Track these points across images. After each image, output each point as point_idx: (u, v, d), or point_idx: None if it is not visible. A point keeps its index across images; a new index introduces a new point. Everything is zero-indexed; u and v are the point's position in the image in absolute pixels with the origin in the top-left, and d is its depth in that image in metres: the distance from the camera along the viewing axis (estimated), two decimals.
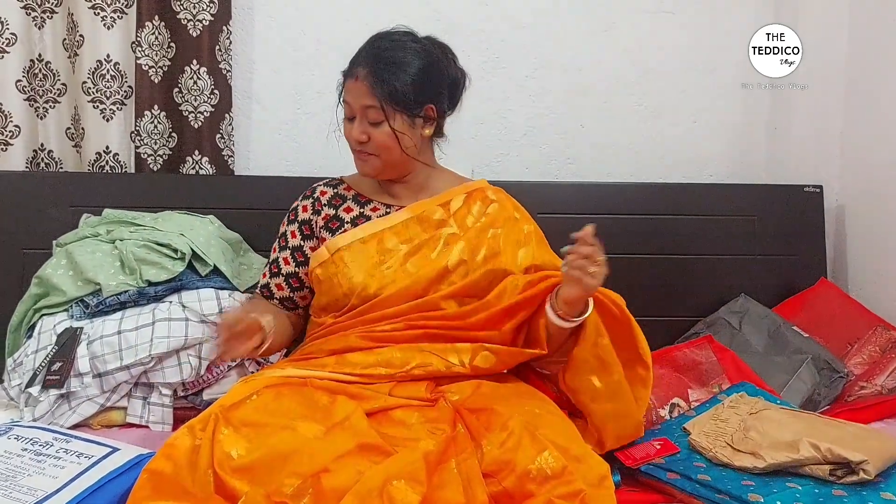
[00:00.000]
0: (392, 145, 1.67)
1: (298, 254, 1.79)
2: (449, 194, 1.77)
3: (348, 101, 1.68)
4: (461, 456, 1.35)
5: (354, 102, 1.66)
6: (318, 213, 1.79)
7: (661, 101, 2.59)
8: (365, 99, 1.64)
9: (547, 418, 1.46)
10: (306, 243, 1.78)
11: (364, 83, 1.64)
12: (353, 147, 1.71)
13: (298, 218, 1.80)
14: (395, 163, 1.71)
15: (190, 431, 1.34)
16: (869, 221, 2.48)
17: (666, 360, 1.98)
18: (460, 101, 1.82)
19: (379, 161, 1.70)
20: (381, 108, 1.64)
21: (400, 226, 1.71)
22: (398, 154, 1.69)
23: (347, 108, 1.69)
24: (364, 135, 1.66)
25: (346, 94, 1.69)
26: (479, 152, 2.52)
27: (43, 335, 1.86)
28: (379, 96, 1.63)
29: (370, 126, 1.66)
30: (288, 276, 1.78)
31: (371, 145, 1.68)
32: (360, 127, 1.67)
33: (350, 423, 1.37)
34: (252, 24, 2.44)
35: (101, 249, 1.97)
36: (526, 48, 2.53)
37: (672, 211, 2.42)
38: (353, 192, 1.81)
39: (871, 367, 2.13)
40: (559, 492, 1.28)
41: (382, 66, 1.65)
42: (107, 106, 2.29)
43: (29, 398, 1.78)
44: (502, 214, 1.76)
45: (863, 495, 1.41)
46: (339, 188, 1.83)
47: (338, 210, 1.78)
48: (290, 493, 1.20)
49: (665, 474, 1.54)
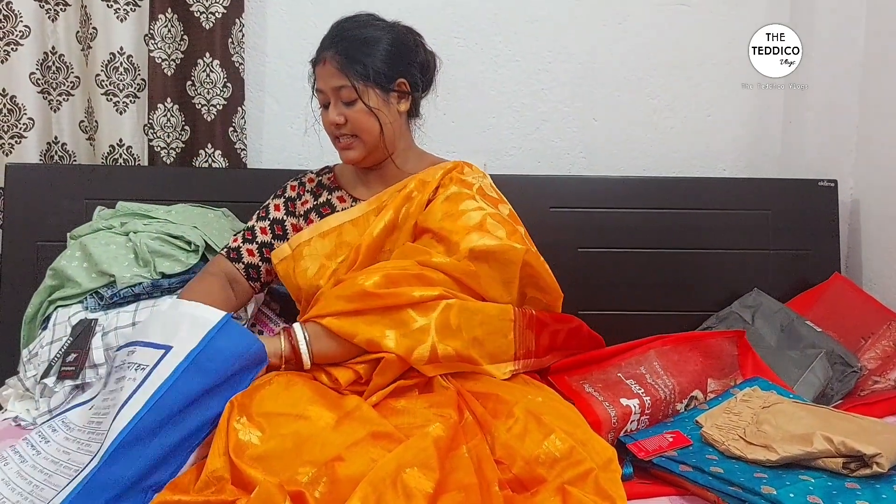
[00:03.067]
0: (370, 124, 1.67)
1: (278, 227, 1.82)
2: (406, 182, 1.74)
3: (320, 88, 1.69)
4: (472, 442, 1.36)
5: (325, 86, 1.67)
6: (300, 197, 1.83)
7: (674, 94, 2.59)
8: (335, 80, 1.65)
9: (549, 405, 1.48)
10: (289, 219, 1.82)
11: (332, 64, 1.64)
12: (333, 134, 1.72)
13: (286, 194, 1.85)
14: (377, 144, 1.71)
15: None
16: (884, 216, 2.46)
17: (697, 343, 1.94)
18: (434, 83, 1.81)
19: (361, 143, 1.70)
20: (352, 86, 1.64)
21: (361, 218, 1.72)
22: (377, 134, 1.69)
23: (321, 95, 1.70)
24: (340, 116, 1.66)
25: (317, 83, 1.70)
26: (491, 146, 2.52)
27: (58, 327, 1.87)
28: (349, 74, 1.64)
29: (345, 107, 1.66)
30: (262, 245, 1.80)
31: (349, 127, 1.68)
32: (336, 109, 1.67)
33: (361, 413, 1.37)
34: (265, 17, 2.44)
35: (116, 242, 1.97)
36: (539, 41, 2.53)
37: (685, 205, 2.42)
38: (331, 179, 1.85)
39: (885, 361, 2.12)
40: (569, 474, 1.29)
41: (348, 43, 1.65)
42: (120, 99, 2.30)
43: (44, 389, 1.79)
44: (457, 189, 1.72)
45: (876, 488, 1.40)
46: (324, 176, 1.86)
47: (317, 199, 1.82)
48: (306, 481, 1.21)
49: (677, 467, 1.54)
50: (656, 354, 1.84)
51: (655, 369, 1.81)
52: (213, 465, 1.25)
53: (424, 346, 1.52)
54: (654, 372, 1.81)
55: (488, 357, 1.60)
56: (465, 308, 1.57)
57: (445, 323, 1.54)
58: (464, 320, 1.56)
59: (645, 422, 1.73)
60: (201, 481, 1.24)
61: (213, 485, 1.23)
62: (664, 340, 1.89)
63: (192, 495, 1.22)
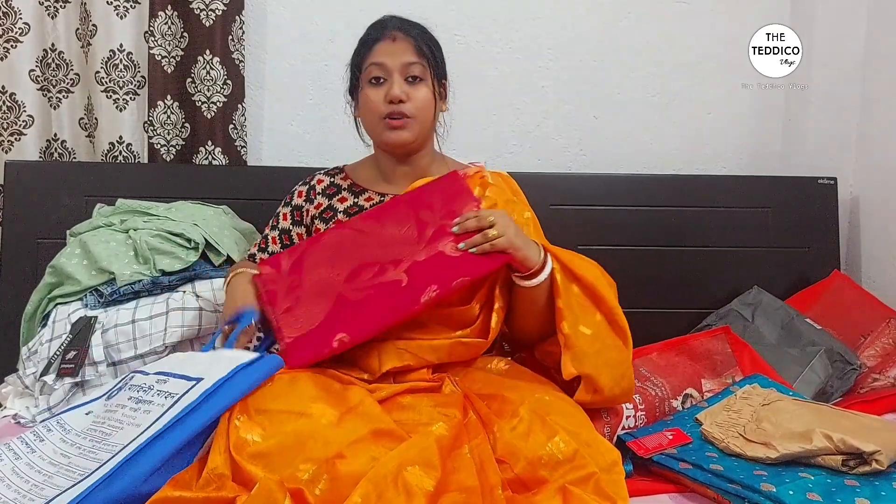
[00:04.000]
0: (430, 107, 1.68)
1: (286, 237, 1.81)
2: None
3: (381, 62, 1.66)
4: (474, 442, 1.35)
5: (393, 60, 1.65)
6: (312, 201, 1.80)
7: (674, 92, 2.59)
8: (407, 55, 1.65)
9: (556, 404, 1.46)
10: (294, 229, 1.81)
11: (405, 41, 1.65)
12: (386, 113, 1.67)
13: (293, 202, 1.82)
14: (426, 131, 1.71)
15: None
16: (883, 214, 2.47)
17: (682, 347, 1.97)
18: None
19: (416, 124, 1.68)
20: (426, 64, 1.65)
21: None
22: (431, 120, 1.70)
23: (377, 69, 1.66)
24: (405, 93, 1.65)
25: (376, 56, 1.67)
26: (492, 144, 2.52)
27: (57, 324, 1.87)
28: (423, 54, 1.65)
29: (408, 85, 1.65)
30: (273, 255, 1.79)
31: (409, 106, 1.66)
32: (399, 85, 1.65)
33: (363, 409, 1.36)
34: (265, 14, 2.44)
35: (115, 239, 1.97)
36: (540, 39, 2.52)
37: (685, 203, 2.42)
38: (349, 181, 1.81)
39: (885, 359, 2.12)
40: (571, 477, 1.29)
41: (419, 31, 1.67)
42: (120, 96, 2.29)
43: (44, 386, 1.79)
44: (502, 197, 1.72)
45: (875, 485, 1.41)
46: (337, 177, 1.83)
47: (332, 200, 1.78)
48: (307, 478, 1.21)
49: (677, 464, 1.54)
50: (641, 362, 1.87)
51: (642, 374, 1.84)
52: (213, 463, 1.25)
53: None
54: (641, 376, 1.84)
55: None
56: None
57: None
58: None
59: (642, 419, 1.74)
60: (203, 479, 1.23)
61: (213, 482, 1.23)
62: (647, 350, 1.92)
63: (194, 492, 1.22)
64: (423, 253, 1.55)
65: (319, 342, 1.52)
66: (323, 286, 1.58)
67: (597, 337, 1.56)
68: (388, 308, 1.53)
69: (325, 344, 1.52)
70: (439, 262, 1.54)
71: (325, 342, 1.52)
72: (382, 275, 1.56)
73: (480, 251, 1.50)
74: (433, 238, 1.56)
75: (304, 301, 1.58)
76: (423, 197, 1.63)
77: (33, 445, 1.41)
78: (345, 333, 1.51)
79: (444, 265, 1.53)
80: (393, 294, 1.53)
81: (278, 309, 1.57)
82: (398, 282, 1.54)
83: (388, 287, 1.54)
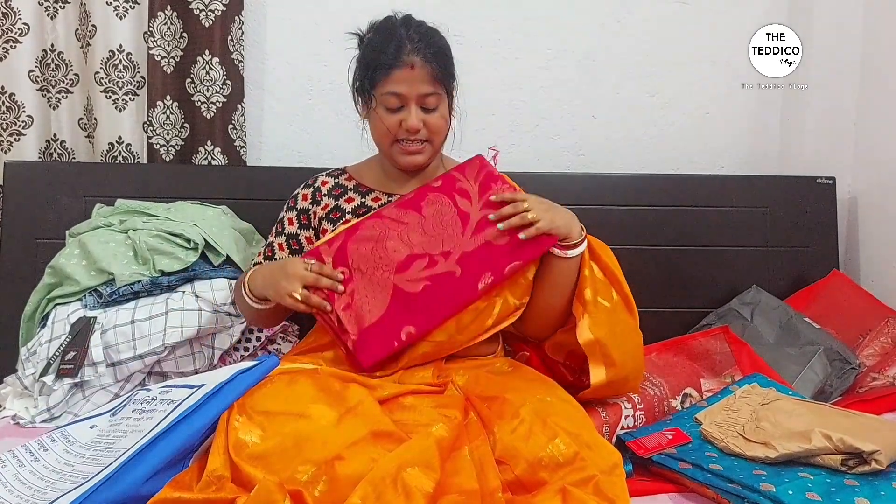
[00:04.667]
0: (444, 129, 1.69)
1: (294, 241, 1.78)
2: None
3: (399, 92, 1.62)
4: (474, 443, 1.36)
5: (410, 90, 1.62)
6: (318, 203, 1.77)
7: (673, 92, 2.59)
8: (425, 86, 1.63)
9: (558, 405, 1.47)
10: (302, 232, 1.78)
11: (424, 70, 1.62)
12: (401, 137, 1.66)
13: (298, 206, 1.79)
14: (437, 151, 1.73)
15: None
16: (882, 213, 2.47)
17: (681, 347, 1.98)
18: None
19: (431, 148, 1.69)
20: (442, 94, 1.65)
21: None
22: (443, 140, 1.72)
23: (394, 99, 1.63)
24: (421, 122, 1.64)
25: (394, 86, 1.62)
26: (490, 143, 2.48)
27: (56, 324, 1.87)
28: (442, 82, 1.65)
29: (424, 113, 1.65)
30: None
31: (424, 132, 1.66)
32: (417, 115, 1.64)
33: (363, 409, 1.37)
34: (264, 15, 2.44)
35: (115, 239, 1.98)
36: (538, 39, 2.52)
37: (684, 202, 2.42)
38: (354, 181, 1.80)
39: (884, 358, 2.12)
40: (572, 479, 1.29)
41: (436, 51, 1.64)
42: (119, 96, 2.29)
43: (43, 387, 1.79)
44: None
45: (875, 485, 1.41)
46: (341, 178, 1.81)
47: (339, 200, 1.76)
48: (305, 480, 1.21)
49: (677, 464, 1.54)
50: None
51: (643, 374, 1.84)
52: (213, 465, 1.25)
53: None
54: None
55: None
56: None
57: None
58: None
59: (641, 418, 1.74)
60: (202, 481, 1.24)
61: (213, 484, 1.24)
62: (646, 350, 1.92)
63: (194, 493, 1.23)
64: (471, 244, 1.60)
65: (386, 336, 1.55)
66: (374, 277, 1.58)
67: (614, 310, 1.64)
68: (448, 298, 1.58)
69: (393, 337, 1.55)
70: (489, 251, 1.59)
71: (392, 335, 1.55)
72: (434, 266, 1.59)
73: (527, 236, 1.57)
74: (478, 229, 1.60)
75: (360, 294, 1.58)
76: (454, 184, 1.66)
77: (38, 454, 1.43)
78: (412, 326, 1.55)
79: (494, 253, 1.59)
80: (449, 284, 1.58)
81: (338, 306, 1.56)
82: (452, 272, 1.59)
83: (444, 278, 1.58)
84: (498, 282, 1.59)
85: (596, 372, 1.61)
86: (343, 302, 1.56)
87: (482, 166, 1.68)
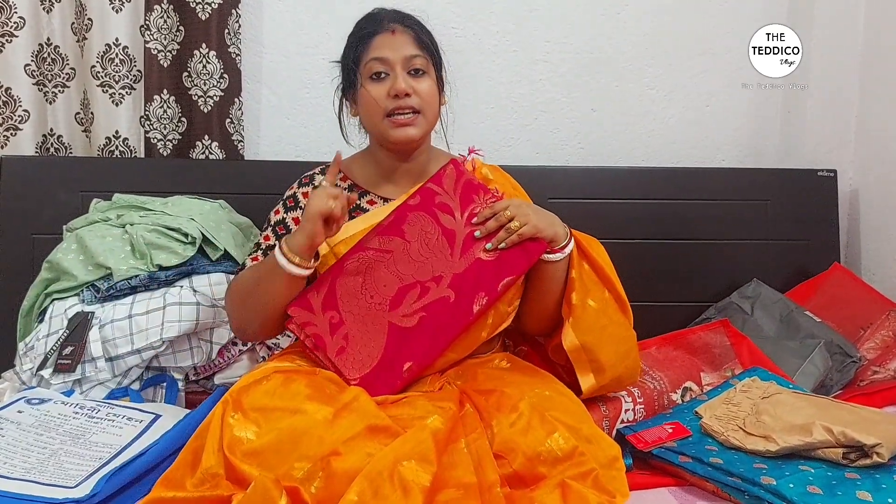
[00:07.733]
0: (435, 101, 1.62)
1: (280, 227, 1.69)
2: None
3: (382, 56, 1.58)
4: (471, 436, 1.35)
5: (394, 54, 1.57)
6: None
7: (673, 85, 2.58)
8: (408, 48, 1.58)
9: (557, 399, 1.46)
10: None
11: (405, 34, 1.59)
12: (390, 109, 1.58)
13: (300, 205, 1.69)
14: (431, 127, 1.65)
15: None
16: (883, 206, 2.46)
17: (681, 341, 1.97)
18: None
19: (423, 120, 1.60)
20: (427, 57, 1.60)
21: None
22: (436, 114, 1.64)
23: (378, 64, 1.58)
24: (410, 87, 1.57)
25: (375, 50, 1.58)
26: (489, 136, 2.51)
27: (54, 319, 1.86)
28: (424, 46, 1.60)
29: (412, 78, 1.59)
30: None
31: (415, 99, 1.58)
32: (404, 79, 1.58)
33: (358, 405, 1.35)
34: (261, 8, 2.43)
35: (112, 234, 1.97)
36: (537, 32, 2.51)
37: (684, 195, 2.41)
38: (348, 181, 1.72)
39: (884, 351, 2.12)
40: (570, 473, 1.28)
41: (414, 22, 1.62)
42: (116, 90, 2.28)
43: (41, 382, 1.79)
44: (506, 186, 1.72)
45: (876, 478, 1.40)
46: (337, 176, 1.77)
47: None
48: (301, 476, 1.20)
49: (677, 457, 1.54)
50: (639, 356, 1.86)
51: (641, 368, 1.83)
52: (207, 462, 1.25)
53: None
54: (640, 370, 1.83)
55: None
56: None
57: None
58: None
59: (641, 412, 1.74)
60: (196, 478, 1.23)
61: (208, 481, 1.23)
62: (645, 344, 1.92)
63: (188, 491, 1.22)
64: (461, 264, 1.55)
65: (388, 377, 1.51)
66: (367, 318, 1.53)
67: (603, 311, 1.60)
68: (444, 326, 1.52)
69: (395, 377, 1.51)
70: (479, 269, 1.54)
71: (394, 375, 1.51)
72: (426, 294, 1.54)
73: (510, 244, 1.52)
74: (465, 247, 1.55)
75: (355, 338, 1.52)
76: (433, 199, 1.59)
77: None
78: (410, 362, 1.51)
79: (484, 271, 1.54)
80: (445, 311, 1.53)
81: (330, 353, 1.52)
82: (446, 298, 1.53)
83: (438, 305, 1.53)
84: (493, 301, 1.54)
85: (584, 380, 1.59)
86: (336, 346, 1.52)
87: (459, 175, 1.60)
